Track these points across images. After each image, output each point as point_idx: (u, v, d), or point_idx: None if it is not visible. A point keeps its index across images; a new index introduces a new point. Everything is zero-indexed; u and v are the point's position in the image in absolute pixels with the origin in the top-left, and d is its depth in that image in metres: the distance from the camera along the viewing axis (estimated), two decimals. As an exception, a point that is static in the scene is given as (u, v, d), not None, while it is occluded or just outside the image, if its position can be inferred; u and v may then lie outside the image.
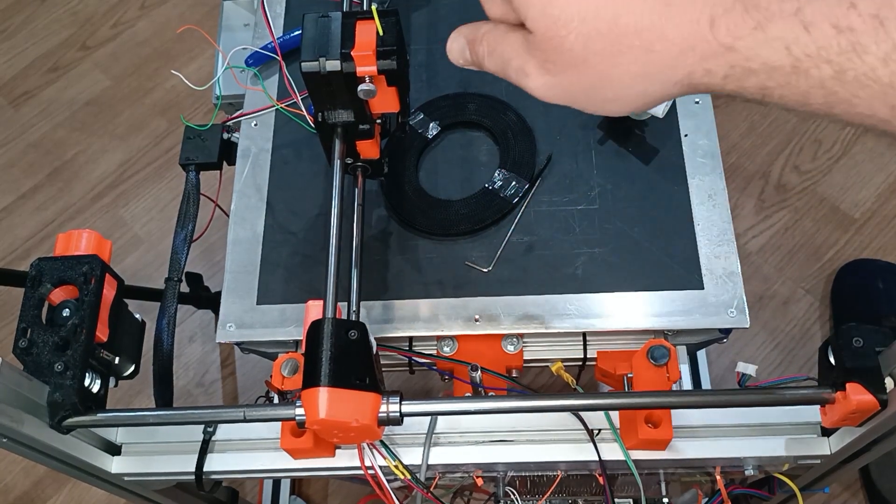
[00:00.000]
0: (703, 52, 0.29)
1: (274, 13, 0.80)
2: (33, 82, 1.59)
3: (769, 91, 0.29)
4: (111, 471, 0.61)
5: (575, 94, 0.33)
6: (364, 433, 0.50)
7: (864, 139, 1.40)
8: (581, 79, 0.32)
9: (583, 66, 0.32)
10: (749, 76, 0.29)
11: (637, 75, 0.31)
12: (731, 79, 0.30)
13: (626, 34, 0.30)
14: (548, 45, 0.32)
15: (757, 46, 0.28)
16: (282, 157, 0.73)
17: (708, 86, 0.30)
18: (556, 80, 0.33)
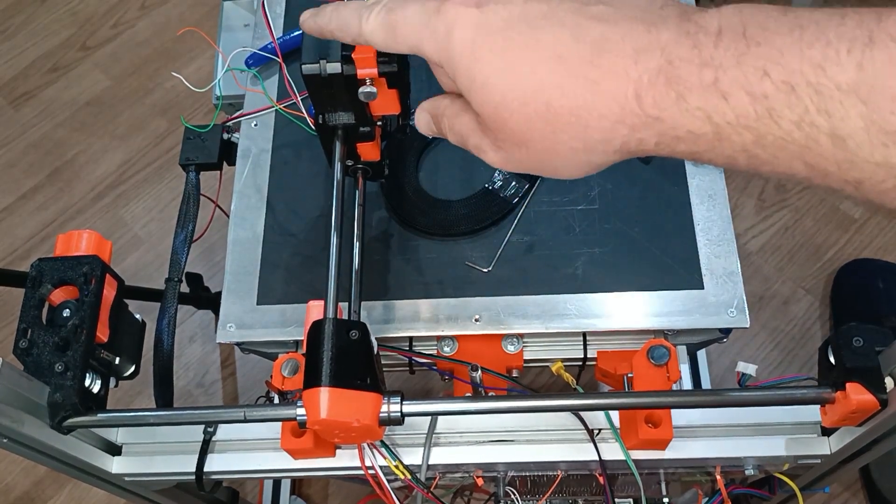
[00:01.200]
0: (632, 124, 0.31)
1: (274, 13, 0.80)
2: (33, 82, 1.59)
3: (699, 154, 0.31)
4: (111, 471, 0.61)
5: (529, 166, 0.35)
6: (365, 433, 0.50)
7: (864, 139, 1.40)
8: (530, 154, 0.34)
9: (529, 144, 0.33)
10: (678, 143, 0.30)
11: (578, 149, 0.32)
12: (662, 145, 0.31)
13: (561, 114, 0.31)
14: (494, 126, 0.34)
15: (680, 116, 0.29)
16: (282, 157, 0.73)
17: (644, 151, 0.32)
18: (509, 154, 0.35)
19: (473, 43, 0.33)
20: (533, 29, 0.32)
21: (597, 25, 0.31)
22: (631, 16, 0.31)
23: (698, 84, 0.29)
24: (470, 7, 0.33)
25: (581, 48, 0.31)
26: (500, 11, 0.33)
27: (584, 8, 0.32)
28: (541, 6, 0.32)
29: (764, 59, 0.27)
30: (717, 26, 0.29)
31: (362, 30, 0.38)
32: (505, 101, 0.32)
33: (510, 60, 0.32)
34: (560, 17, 0.32)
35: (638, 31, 0.30)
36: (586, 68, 0.31)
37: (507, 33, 0.32)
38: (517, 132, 0.33)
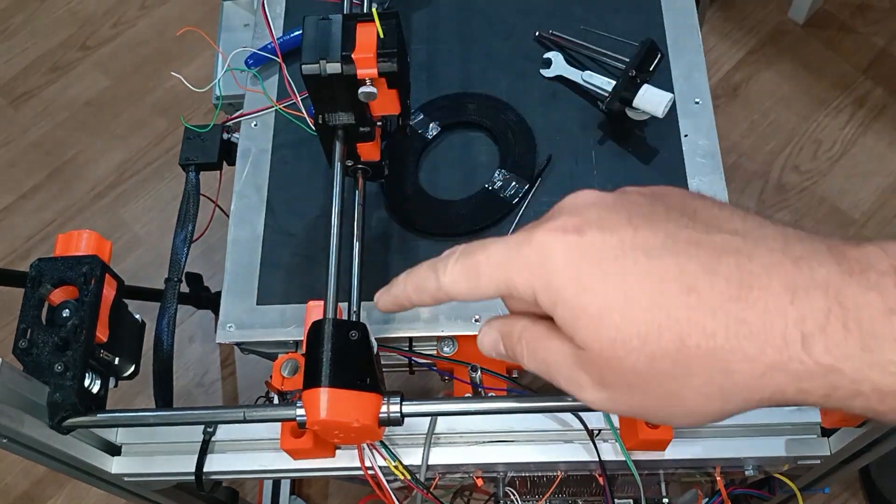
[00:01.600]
0: (795, 372, 0.26)
1: (274, 13, 0.80)
2: (33, 82, 1.59)
3: (881, 414, 0.26)
4: (111, 471, 0.61)
5: (640, 411, 0.30)
6: (365, 433, 0.50)
7: (864, 139, 1.40)
8: (646, 398, 0.29)
9: (648, 386, 0.29)
10: (856, 398, 0.26)
11: (712, 395, 0.28)
12: (832, 399, 0.26)
13: (696, 355, 0.27)
14: (604, 364, 0.29)
15: (867, 370, 0.25)
16: (282, 157, 0.73)
17: (803, 401, 0.27)
18: (617, 396, 0.30)
19: (579, 270, 0.29)
20: (651, 259, 0.28)
21: (730, 257, 0.27)
22: (769, 247, 0.27)
23: (889, 334, 0.25)
24: (569, 233, 0.30)
25: (717, 281, 0.27)
26: (609, 239, 0.29)
27: (706, 237, 0.28)
28: (656, 234, 0.29)
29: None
30: (888, 266, 0.26)
31: (441, 283, 0.33)
32: (623, 337, 0.28)
33: (629, 291, 0.28)
34: (682, 247, 0.28)
35: (784, 266, 0.27)
36: (728, 304, 0.26)
37: (621, 262, 0.28)
38: (634, 373, 0.28)
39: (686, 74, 0.73)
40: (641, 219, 0.29)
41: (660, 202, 0.31)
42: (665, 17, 0.76)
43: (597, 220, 0.30)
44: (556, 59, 0.75)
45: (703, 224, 0.29)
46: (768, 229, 0.29)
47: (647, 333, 0.28)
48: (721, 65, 1.48)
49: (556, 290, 0.29)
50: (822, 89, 1.44)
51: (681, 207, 0.30)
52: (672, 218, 0.29)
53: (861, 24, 1.50)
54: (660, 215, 0.30)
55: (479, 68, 0.76)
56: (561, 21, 0.77)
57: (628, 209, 0.30)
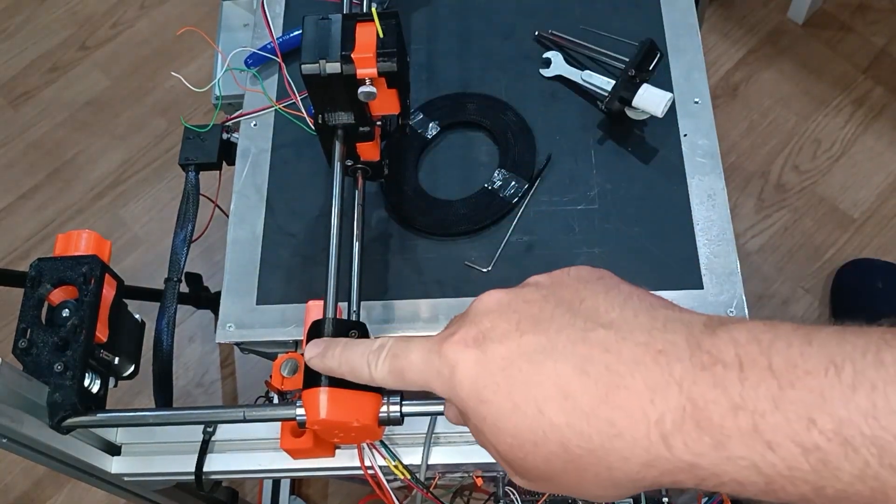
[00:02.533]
0: (664, 468, 0.28)
1: (273, 13, 0.80)
2: (33, 82, 1.59)
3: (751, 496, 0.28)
4: (111, 471, 0.61)
5: (563, 492, 0.33)
6: (365, 433, 0.50)
7: (864, 139, 1.40)
8: (559, 487, 0.32)
9: (551, 479, 0.31)
10: (722, 487, 0.28)
11: (607, 485, 0.30)
12: (704, 485, 0.28)
13: (581, 454, 0.29)
14: (511, 463, 0.32)
15: (722, 464, 0.27)
16: (281, 157, 0.73)
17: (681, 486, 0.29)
18: (535, 484, 0.33)
19: (476, 384, 0.31)
20: (533, 364, 0.30)
21: (600, 356, 0.29)
22: (635, 342, 0.29)
23: (736, 430, 0.26)
24: (469, 347, 0.32)
25: (588, 384, 0.29)
26: (499, 349, 0.31)
27: (584, 335, 0.30)
28: (538, 338, 0.31)
29: (805, 405, 0.25)
30: (734, 357, 0.27)
31: (373, 377, 0.38)
32: (518, 443, 0.31)
33: (515, 401, 0.30)
34: (560, 349, 0.30)
35: (646, 363, 0.28)
36: (598, 407, 0.28)
37: (507, 371, 0.31)
38: (537, 470, 0.31)
39: (685, 74, 0.73)
40: (529, 322, 0.32)
41: (552, 297, 0.33)
42: (665, 17, 0.76)
43: (490, 329, 0.32)
44: (555, 59, 0.75)
45: (583, 319, 0.31)
46: (641, 319, 0.30)
47: (534, 439, 0.30)
48: (721, 64, 1.48)
49: (462, 402, 0.32)
50: (821, 89, 1.45)
51: (570, 301, 0.33)
52: (556, 316, 0.32)
53: (861, 24, 1.50)
54: (546, 314, 0.32)
55: (479, 68, 0.76)
56: (561, 21, 0.77)
57: (519, 312, 0.33)
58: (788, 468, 0.26)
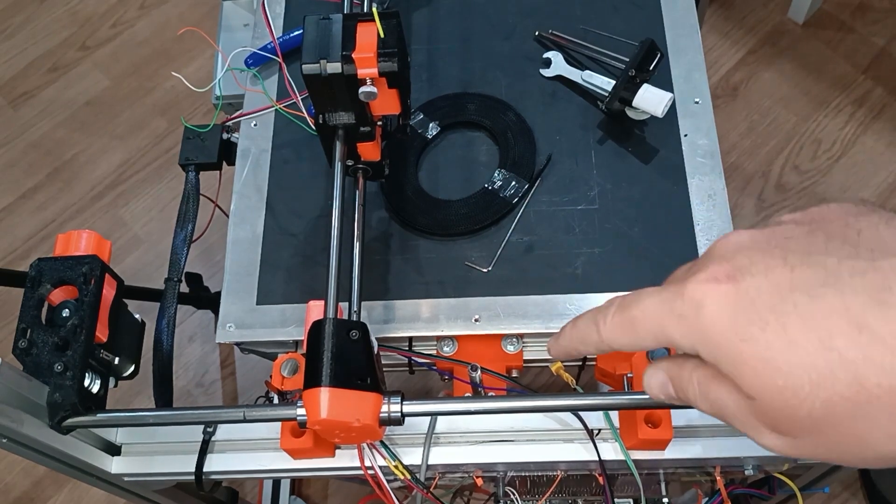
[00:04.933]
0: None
1: (274, 13, 0.80)
2: (33, 82, 1.59)
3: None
4: (111, 471, 0.61)
5: (828, 455, 0.29)
6: (365, 433, 0.50)
7: (864, 139, 1.40)
8: (830, 442, 0.28)
9: (829, 432, 0.27)
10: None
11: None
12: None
13: (878, 395, 0.26)
14: (776, 413, 0.28)
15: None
16: (282, 157, 0.73)
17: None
18: (798, 442, 0.29)
19: (735, 321, 0.28)
20: (814, 299, 0.27)
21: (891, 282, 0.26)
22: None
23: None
24: (721, 283, 0.29)
25: (890, 314, 0.25)
26: (763, 283, 0.28)
27: (872, 265, 0.26)
28: (815, 271, 0.27)
29: None
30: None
31: (602, 336, 0.34)
32: (792, 385, 0.27)
33: (792, 337, 0.27)
34: (846, 280, 0.26)
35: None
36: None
37: (780, 306, 0.27)
38: (811, 419, 0.27)
39: (686, 74, 0.73)
40: (798, 256, 0.28)
41: (819, 231, 0.29)
42: (665, 17, 0.76)
43: (749, 264, 0.29)
44: (555, 59, 0.75)
45: (867, 249, 0.27)
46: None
47: (818, 378, 0.26)
48: (721, 65, 1.48)
49: (715, 344, 0.29)
50: (821, 89, 1.45)
51: (842, 234, 0.29)
52: (832, 249, 0.28)
53: (861, 24, 1.50)
54: (818, 248, 0.28)
55: (479, 68, 0.76)
56: (561, 21, 0.77)
57: (783, 247, 0.29)
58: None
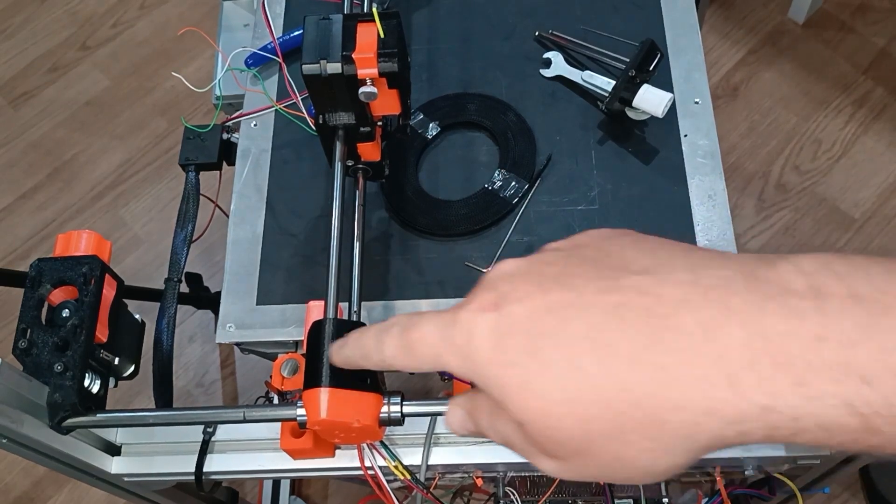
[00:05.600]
0: (729, 416, 0.24)
1: (274, 13, 0.80)
2: (33, 82, 1.59)
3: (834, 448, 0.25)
4: (111, 471, 0.61)
5: (594, 474, 0.29)
6: (365, 434, 0.50)
7: (864, 139, 1.40)
8: (594, 461, 0.28)
9: (592, 451, 0.28)
10: (802, 435, 0.24)
11: (656, 449, 0.27)
12: (776, 437, 0.25)
13: (623, 410, 0.26)
14: (541, 435, 0.28)
15: (805, 406, 0.23)
16: (282, 157, 0.73)
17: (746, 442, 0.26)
18: (569, 464, 0.29)
19: (496, 348, 0.29)
20: (561, 321, 0.27)
21: (638, 300, 0.26)
22: (677, 281, 0.26)
23: (821, 364, 0.23)
24: (487, 311, 0.29)
25: (626, 331, 0.26)
26: (520, 309, 0.29)
27: (614, 283, 0.27)
28: (564, 294, 0.28)
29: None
30: (805, 286, 0.24)
31: (383, 356, 0.34)
32: (548, 406, 0.27)
33: (543, 360, 0.27)
34: (590, 299, 0.27)
35: (694, 300, 0.25)
36: (642, 353, 0.25)
37: (535, 330, 0.28)
38: (573, 440, 0.27)
39: (686, 74, 0.73)
40: (552, 281, 0.29)
41: (574, 257, 0.30)
42: (665, 17, 0.76)
43: (510, 291, 0.30)
44: (555, 59, 0.75)
45: (612, 270, 0.28)
46: (678, 260, 0.28)
47: (570, 398, 0.27)
48: (721, 65, 1.48)
49: (482, 371, 0.29)
50: (821, 89, 1.45)
51: (594, 258, 0.30)
52: (583, 272, 0.29)
53: (861, 24, 1.50)
54: (572, 271, 0.29)
55: (479, 68, 0.76)
56: (561, 21, 0.77)
57: (540, 272, 0.30)
58: (889, 405, 0.22)
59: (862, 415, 0.23)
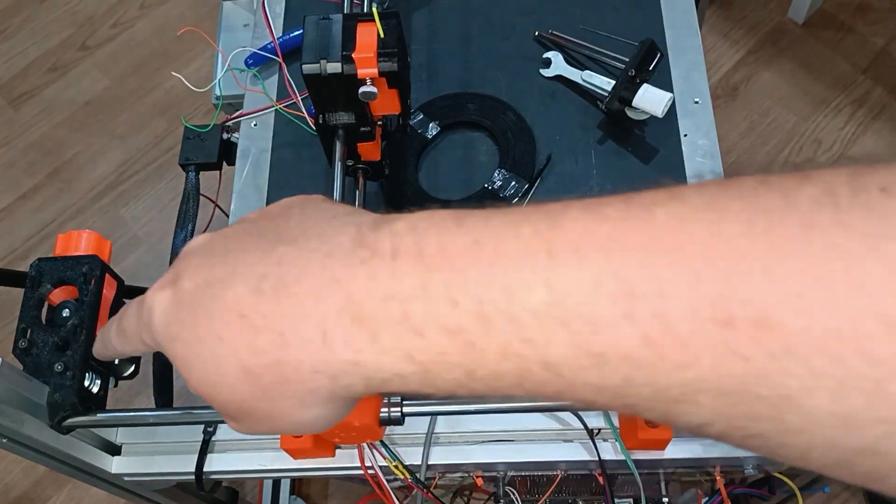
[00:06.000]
0: (331, 371, 0.27)
1: (273, 13, 0.80)
2: (33, 82, 1.59)
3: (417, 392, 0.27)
4: (111, 471, 0.61)
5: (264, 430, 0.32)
6: (365, 433, 0.50)
7: (864, 139, 1.40)
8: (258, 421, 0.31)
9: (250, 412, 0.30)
10: (388, 384, 0.27)
11: (294, 405, 0.29)
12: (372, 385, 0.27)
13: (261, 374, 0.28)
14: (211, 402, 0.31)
15: (380, 358, 0.26)
16: (281, 157, 0.73)
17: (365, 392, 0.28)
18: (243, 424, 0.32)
19: (168, 323, 0.30)
20: (214, 294, 0.29)
21: (275, 270, 0.28)
22: (307, 250, 0.28)
23: (389, 320, 0.25)
24: (165, 288, 0.31)
25: (261, 301, 0.28)
26: (187, 284, 0.30)
27: (264, 255, 0.29)
28: (224, 269, 0.30)
29: (449, 286, 0.24)
30: (390, 248, 0.26)
31: (111, 343, 0.36)
32: (206, 376, 0.29)
33: (199, 333, 0.29)
34: (240, 272, 0.29)
35: (312, 269, 0.27)
36: (269, 321, 0.27)
37: (194, 303, 0.30)
38: (233, 403, 0.30)
39: (685, 74, 0.73)
40: (219, 255, 0.31)
41: (253, 228, 0.32)
42: (665, 17, 0.76)
43: (185, 268, 0.31)
44: (555, 59, 0.75)
45: (270, 241, 0.30)
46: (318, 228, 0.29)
47: (218, 367, 0.29)
48: (720, 65, 1.48)
49: (163, 347, 0.31)
50: (821, 89, 1.45)
51: (265, 228, 0.31)
52: (247, 244, 0.30)
53: (861, 24, 1.50)
54: (239, 245, 0.31)
55: (479, 68, 0.76)
56: (561, 21, 0.77)
57: (212, 247, 0.32)
58: (438, 354, 0.25)
59: (420, 363, 0.25)
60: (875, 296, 0.19)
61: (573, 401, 0.25)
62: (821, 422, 0.20)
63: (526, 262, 0.24)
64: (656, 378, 0.22)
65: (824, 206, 0.20)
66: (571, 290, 0.23)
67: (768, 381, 0.20)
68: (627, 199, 0.24)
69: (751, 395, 0.21)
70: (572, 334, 0.23)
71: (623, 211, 0.24)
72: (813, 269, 0.19)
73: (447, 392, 0.27)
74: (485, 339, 0.24)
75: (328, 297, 0.27)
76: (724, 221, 0.21)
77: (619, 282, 0.22)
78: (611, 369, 0.22)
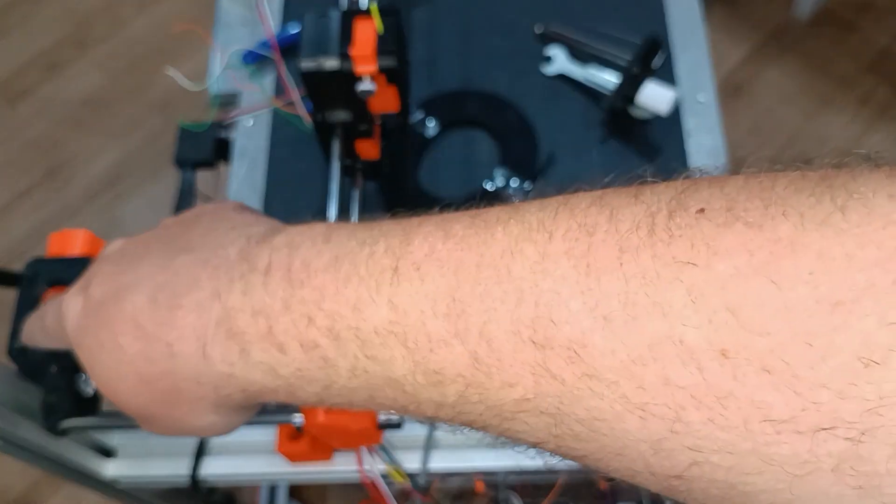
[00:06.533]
0: (211, 382, 0.28)
1: (271, 10, 0.79)
2: (30, 80, 1.58)
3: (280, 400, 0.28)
4: (106, 474, 0.60)
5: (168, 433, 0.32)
6: (364, 437, 0.49)
7: (867, 139, 1.39)
8: (158, 423, 0.31)
9: (152, 416, 0.31)
10: (261, 396, 0.28)
11: (190, 411, 0.30)
12: (249, 396, 0.28)
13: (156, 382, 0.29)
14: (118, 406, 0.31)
15: (250, 371, 0.27)
16: (279, 155, 0.72)
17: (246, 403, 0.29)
18: (146, 425, 0.32)
19: (79, 329, 0.31)
20: (117, 302, 0.30)
21: (170, 280, 0.29)
22: (203, 259, 0.29)
23: (256, 335, 0.26)
24: (77, 295, 0.31)
25: (155, 311, 0.28)
26: (96, 291, 0.31)
27: (165, 263, 0.29)
28: (129, 276, 0.30)
29: (308, 303, 0.25)
30: (266, 263, 0.27)
31: (36, 336, 0.37)
32: (107, 381, 0.30)
33: (101, 340, 0.30)
34: (141, 281, 0.29)
35: (201, 281, 0.28)
36: (160, 330, 0.28)
37: (99, 311, 0.30)
38: (134, 408, 0.31)
39: (690, 71, 0.72)
40: (127, 262, 0.31)
41: (165, 234, 0.32)
42: (669, 14, 0.75)
43: (96, 273, 0.31)
44: (557, 56, 0.74)
45: (174, 250, 0.30)
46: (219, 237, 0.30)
47: (119, 375, 0.29)
48: (724, 62, 1.47)
49: (75, 351, 0.31)
50: (826, 87, 1.44)
51: (173, 235, 0.32)
52: (154, 251, 0.31)
53: (865, 22, 1.49)
54: (146, 251, 0.31)
55: (480, 65, 0.75)
56: (563, 17, 0.76)
57: (126, 251, 0.32)
58: (298, 369, 0.26)
59: (283, 377, 0.26)
60: (674, 322, 0.19)
61: (419, 416, 0.25)
62: (635, 447, 0.20)
63: (373, 280, 0.24)
64: (487, 396, 0.22)
65: (641, 228, 0.20)
66: (410, 308, 0.23)
67: (582, 404, 0.20)
68: (474, 216, 0.24)
69: (570, 417, 0.21)
70: (411, 352, 0.23)
71: (468, 227, 0.24)
72: (622, 294, 0.19)
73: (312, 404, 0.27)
74: (336, 355, 0.25)
75: (209, 310, 0.27)
76: (553, 241, 0.21)
77: (453, 301, 0.22)
78: (447, 387, 0.23)
